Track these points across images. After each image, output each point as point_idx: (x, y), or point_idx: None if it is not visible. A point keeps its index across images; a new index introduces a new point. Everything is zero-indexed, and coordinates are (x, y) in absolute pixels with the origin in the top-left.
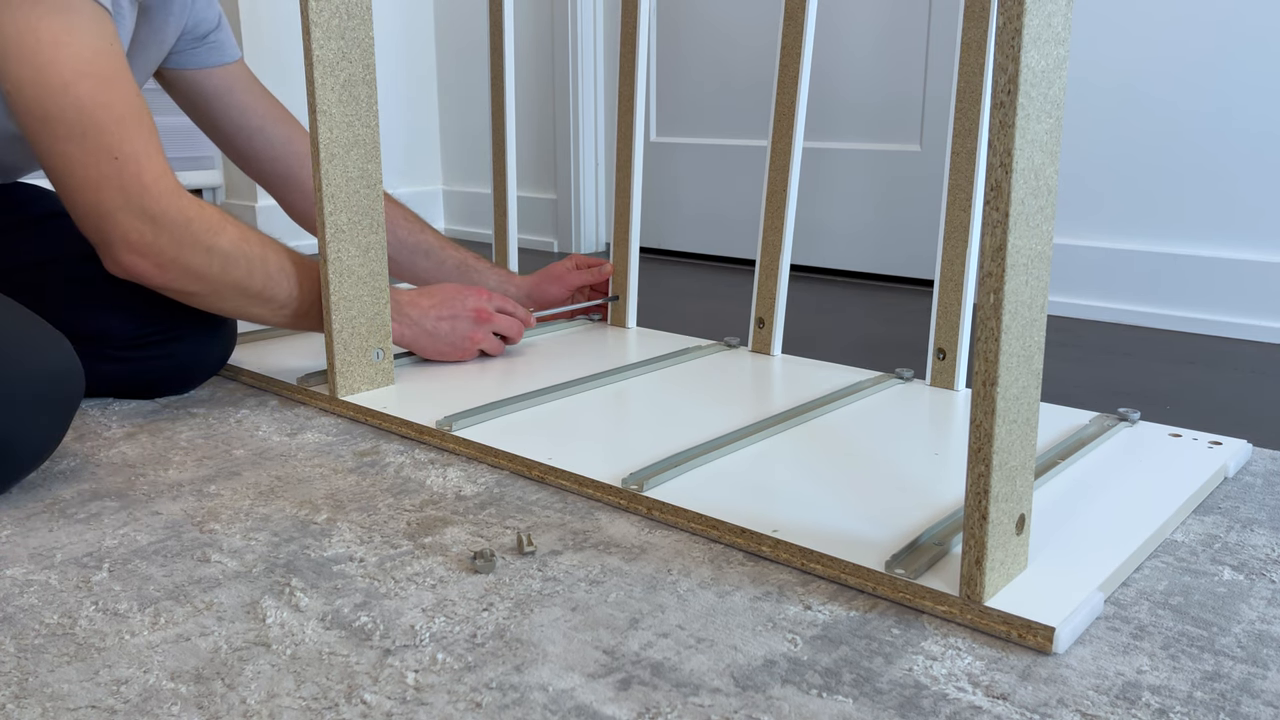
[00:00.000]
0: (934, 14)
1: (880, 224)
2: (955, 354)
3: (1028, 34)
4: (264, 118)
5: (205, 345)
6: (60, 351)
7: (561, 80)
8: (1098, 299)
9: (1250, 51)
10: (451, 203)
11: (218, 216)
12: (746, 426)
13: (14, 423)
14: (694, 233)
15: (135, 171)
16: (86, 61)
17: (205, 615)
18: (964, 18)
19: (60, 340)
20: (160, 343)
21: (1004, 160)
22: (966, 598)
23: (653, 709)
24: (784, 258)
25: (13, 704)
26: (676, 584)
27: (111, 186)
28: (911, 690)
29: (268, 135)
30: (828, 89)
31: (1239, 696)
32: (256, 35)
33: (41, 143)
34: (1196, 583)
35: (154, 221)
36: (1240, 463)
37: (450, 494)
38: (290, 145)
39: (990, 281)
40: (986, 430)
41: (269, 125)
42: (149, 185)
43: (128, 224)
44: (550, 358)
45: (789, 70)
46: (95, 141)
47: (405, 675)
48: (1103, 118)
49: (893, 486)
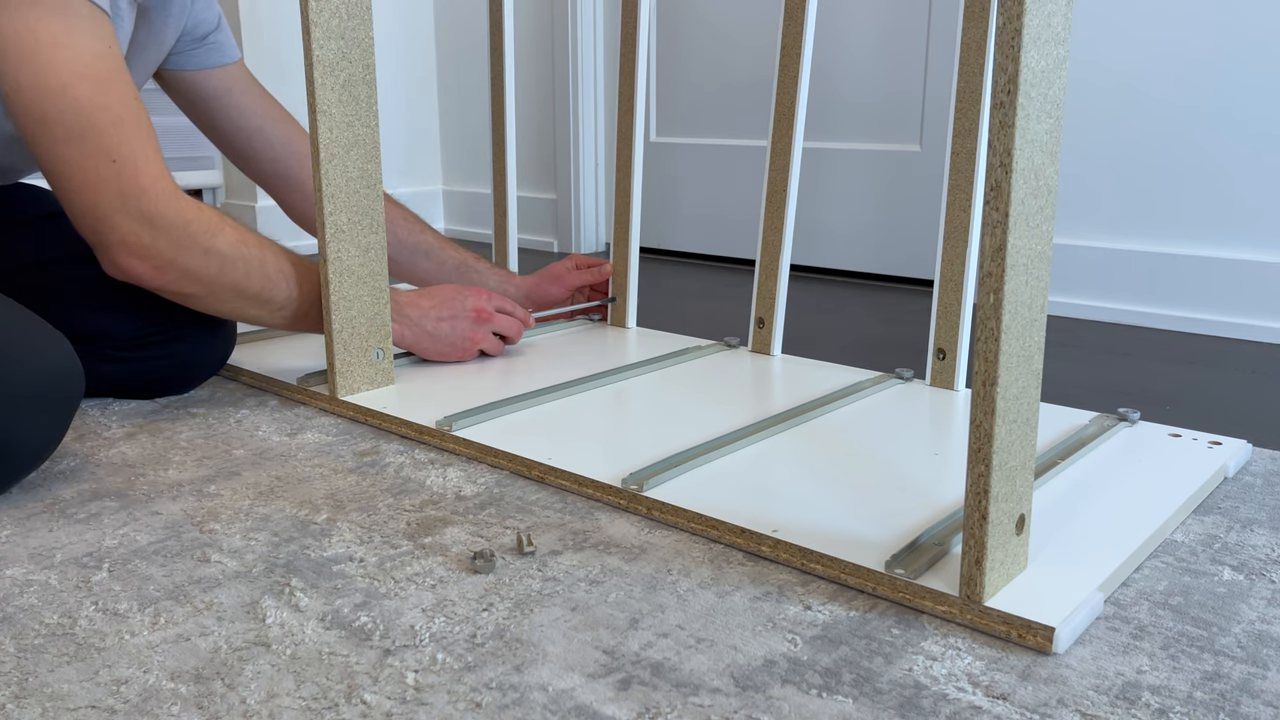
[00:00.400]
0: (934, 14)
1: (880, 224)
2: (955, 354)
3: (1028, 34)
4: (263, 118)
5: (205, 345)
6: (60, 351)
7: (561, 80)
8: (1097, 299)
9: (1250, 51)
10: (451, 203)
11: (216, 219)
12: (746, 426)
13: (14, 423)
14: (694, 233)
15: (133, 174)
16: (85, 64)
17: (205, 615)
18: (964, 18)
19: (60, 340)
20: (160, 343)
21: (1004, 160)
22: (966, 598)
23: (653, 709)
24: (784, 258)
25: (13, 704)
26: (676, 584)
27: (109, 189)
28: (911, 690)
29: (267, 136)
30: (828, 89)
31: (1239, 696)
32: (256, 35)
33: (40, 144)
34: (1196, 583)
35: (151, 224)
36: (1240, 463)
37: (450, 494)
38: (290, 145)
39: (990, 281)
40: (986, 430)
41: (268, 126)
42: (146, 188)
43: (125, 226)
44: (550, 358)
45: (789, 70)
46: (93, 144)
47: (405, 675)
48: (1103, 118)
49: (893, 486)
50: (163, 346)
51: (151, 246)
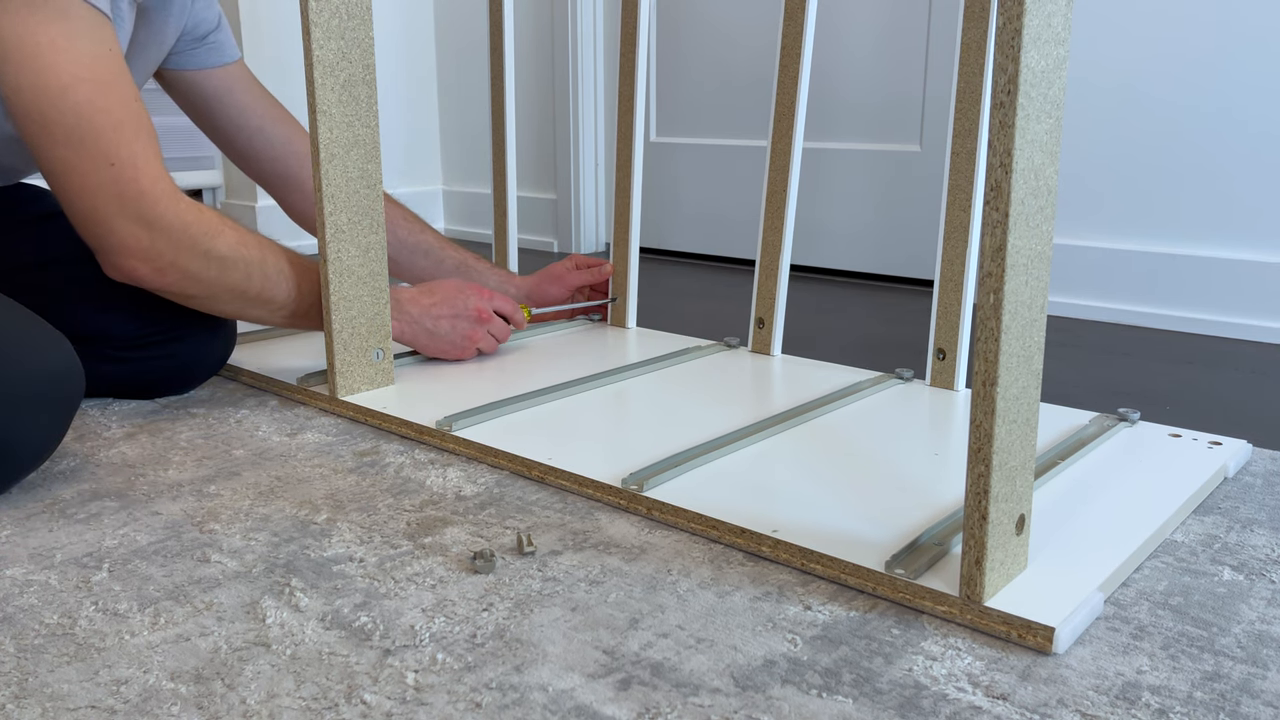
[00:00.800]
0: (934, 14)
1: (880, 224)
2: (955, 354)
3: (1028, 34)
4: (263, 118)
5: (206, 345)
6: (60, 351)
7: (561, 80)
8: (1097, 299)
9: (1250, 51)
10: (451, 203)
11: (215, 220)
12: (746, 426)
13: (14, 422)
14: (694, 233)
15: (132, 177)
16: (85, 66)
17: (205, 615)
18: (964, 18)
19: (60, 340)
20: (161, 343)
21: (1004, 160)
22: (966, 598)
23: (652, 709)
24: (784, 258)
25: (13, 704)
26: (676, 584)
27: (108, 192)
28: (911, 690)
29: (267, 135)
30: (828, 89)
31: (1239, 697)
32: (256, 35)
33: (40, 147)
34: (1196, 583)
35: (151, 227)
36: (1240, 463)
37: (450, 494)
38: (290, 145)
39: (990, 282)
40: (986, 430)
41: (268, 125)
42: (146, 190)
43: (125, 229)
44: (550, 358)
45: (789, 70)
46: (92, 147)
47: (405, 675)
48: (1103, 118)
49: (893, 486)
50: (163, 346)
51: (151, 249)
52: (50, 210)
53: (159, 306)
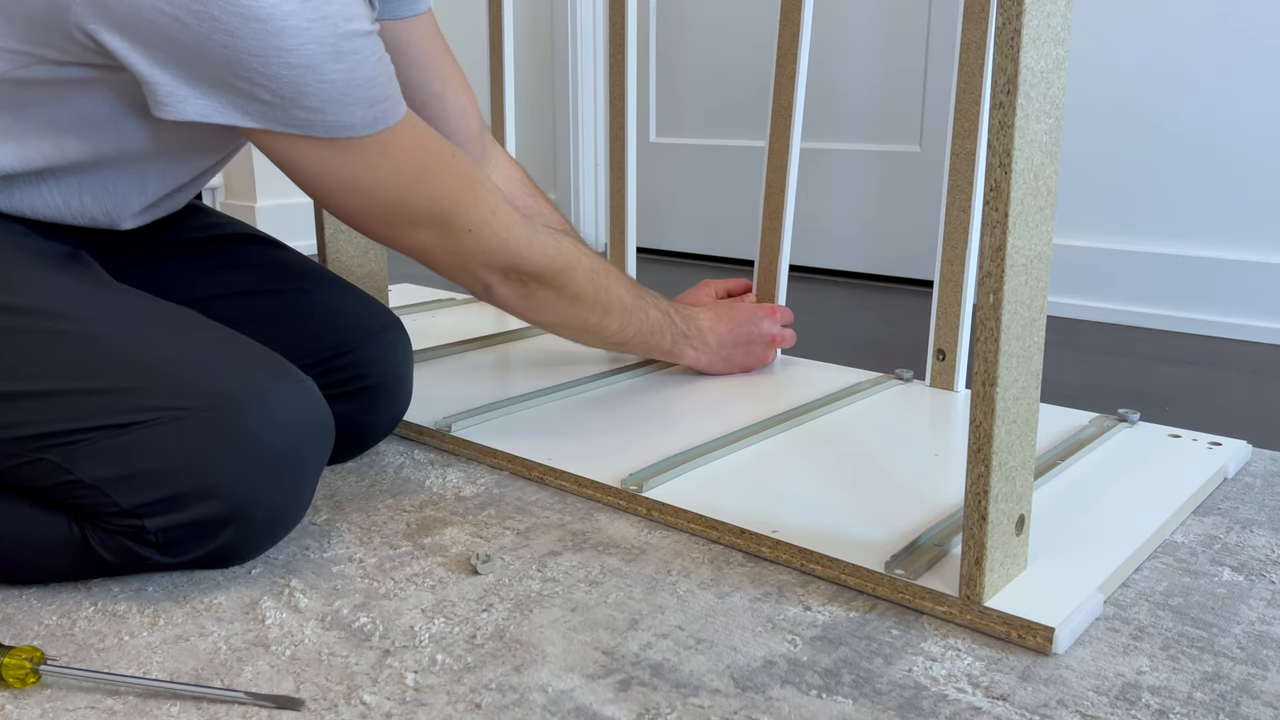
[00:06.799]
0: (934, 14)
1: (880, 224)
2: (955, 354)
3: (1027, 34)
4: (445, 83)
5: (381, 405)
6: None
7: (561, 80)
8: (1097, 299)
9: (1250, 51)
10: None
11: (572, 251)
12: (746, 427)
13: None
14: (693, 233)
15: (489, 234)
16: (418, 162)
17: (204, 616)
18: (963, 18)
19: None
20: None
21: (1003, 160)
22: (966, 598)
23: (652, 710)
24: (783, 258)
25: (12, 704)
26: (676, 585)
27: (470, 254)
28: (911, 691)
29: (445, 105)
30: (827, 89)
31: (1239, 697)
32: None
33: (392, 236)
34: (1196, 583)
35: (517, 270)
36: (1240, 463)
37: (450, 494)
38: (466, 120)
39: (990, 282)
40: (986, 430)
41: (448, 93)
42: (505, 241)
43: (492, 278)
44: (550, 358)
45: (785, 70)
46: (446, 226)
47: (404, 676)
48: (1101, 118)
49: (892, 487)
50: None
51: (522, 289)
52: (215, 235)
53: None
